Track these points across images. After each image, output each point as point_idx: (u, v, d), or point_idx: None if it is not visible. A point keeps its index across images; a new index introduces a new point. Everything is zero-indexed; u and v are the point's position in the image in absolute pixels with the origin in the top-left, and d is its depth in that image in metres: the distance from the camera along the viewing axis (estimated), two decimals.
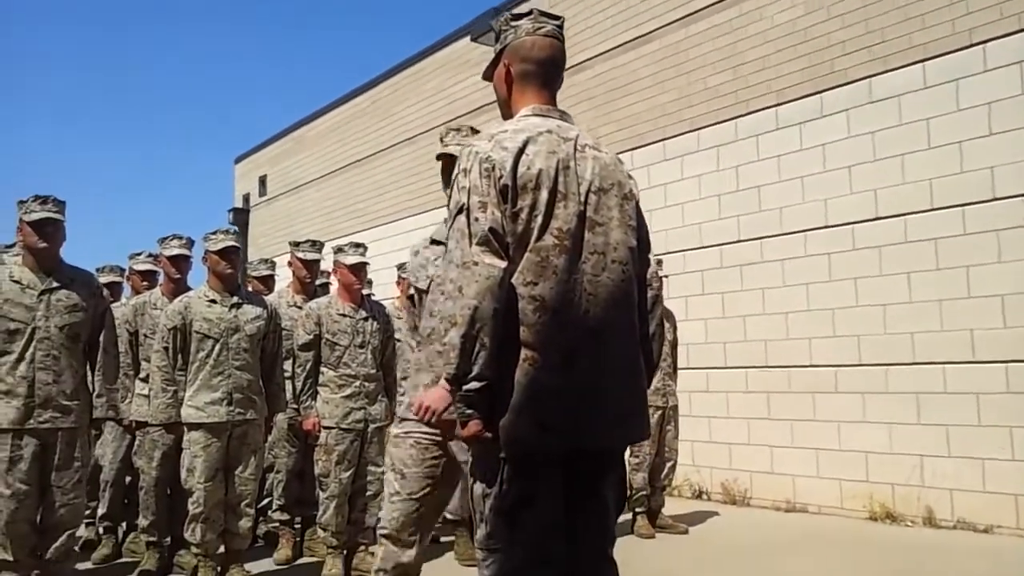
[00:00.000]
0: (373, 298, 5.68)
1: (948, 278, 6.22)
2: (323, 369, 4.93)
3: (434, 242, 3.17)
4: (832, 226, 6.95)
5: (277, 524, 5.59)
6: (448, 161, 3.11)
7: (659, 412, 6.01)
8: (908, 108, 6.54)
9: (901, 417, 6.42)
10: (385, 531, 3.14)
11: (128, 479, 5.55)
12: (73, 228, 4.18)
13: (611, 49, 8.94)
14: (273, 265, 6.47)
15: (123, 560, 5.38)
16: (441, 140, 3.30)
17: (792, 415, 7.14)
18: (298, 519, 5.70)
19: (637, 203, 2.35)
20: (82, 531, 4.75)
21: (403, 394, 3.35)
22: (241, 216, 16.60)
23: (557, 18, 2.36)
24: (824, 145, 7.04)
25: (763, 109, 7.50)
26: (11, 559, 3.88)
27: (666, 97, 8.36)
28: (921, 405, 6.32)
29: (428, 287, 2.99)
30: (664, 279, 6.35)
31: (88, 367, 4.26)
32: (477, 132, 2.50)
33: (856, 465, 6.67)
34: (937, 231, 6.31)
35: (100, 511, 5.50)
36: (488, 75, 2.44)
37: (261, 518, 5.78)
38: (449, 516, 5.40)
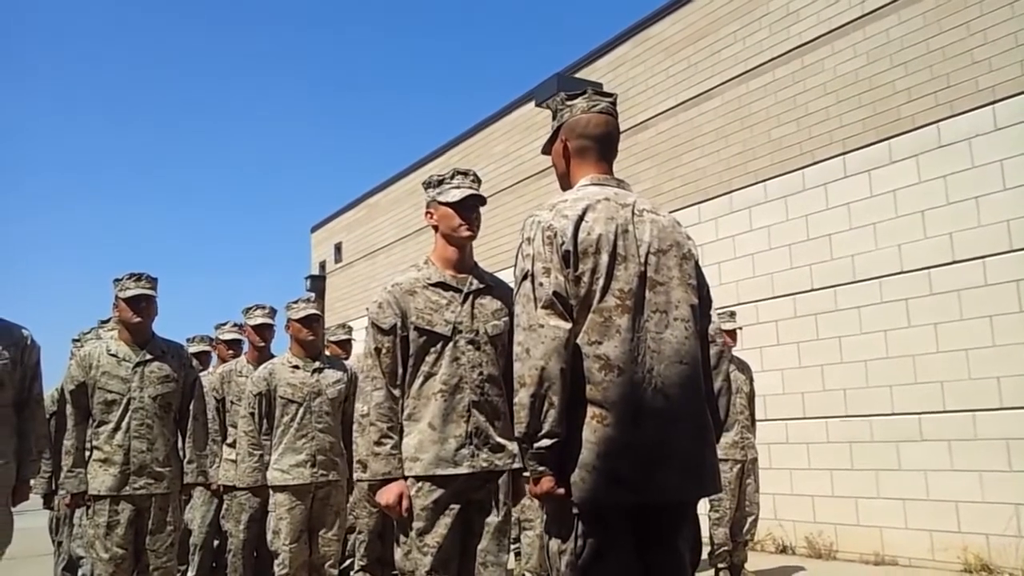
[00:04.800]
0: None
1: None
2: None
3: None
4: (908, 272, 6.86)
5: None
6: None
7: (738, 465, 5.95)
8: (980, 151, 6.46)
9: (991, 464, 6.22)
10: None
11: (216, 542, 5.71)
12: (160, 299, 4.38)
13: (673, 107, 9.06)
14: (350, 330, 6.66)
15: None
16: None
17: (876, 465, 6.97)
18: None
19: (697, 262, 2.42)
20: None
21: None
22: (318, 283, 17.05)
23: (610, 95, 2.49)
24: (895, 191, 6.98)
25: (830, 158, 7.49)
26: None
27: (730, 151, 8.41)
28: (1012, 451, 6.12)
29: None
30: (738, 330, 6.35)
31: (179, 434, 4.43)
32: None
33: (947, 515, 6.46)
34: (1018, 273, 6.17)
35: (190, 574, 5.66)
36: (547, 150, 2.57)
37: None
38: (528, 575, 5.42)
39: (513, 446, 2.93)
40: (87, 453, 4.18)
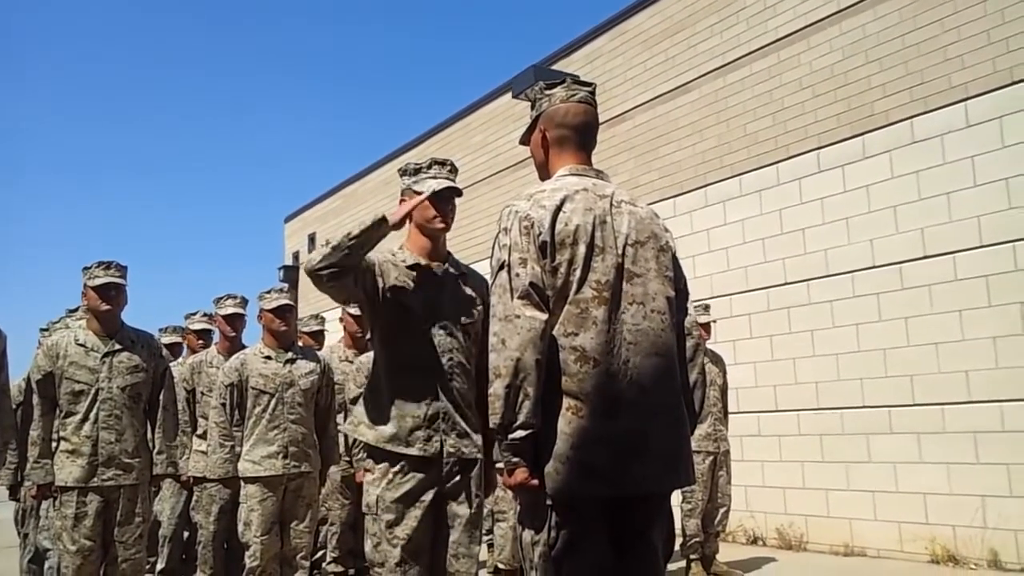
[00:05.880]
0: None
1: (1000, 315, 6.13)
2: None
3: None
4: (880, 266, 6.91)
5: None
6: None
7: (711, 457, 5.98)
8: (952, 147, 6.51)
9: (959, 457, 6.29)
10: None
11: (186, 534, 5.66)
12: (132, 290, 4.32)
13: (651, 100, 9.06)
14: (323, 320, 6.61)
15: None
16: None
17: (846, 457, 7.03)
18: (352, 570, 5.76)
19: (674, 254, 2.41)
20: None
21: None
22: (291, 273, 16.89)
23: (589, 84, 2.47)
24: (868, 186, 7.03)
25: (804, 153, 7.53)
26: None
27: (706, 144, 8.44)
28: (979, 444, 6.19)
29: None
30: (712, 323, 6.38)
31: (148, 425, 4.38)
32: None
33: (915, 507, 6.53)
34: (987, 268, 6.24)
35: (159, 566, 5.60)
36: (525, 140, 2.54)
37: (316, 570, 5.84)
38: (501, 566, 5.42)
39: (478, 436, 2.93)
40: (54, 444, 4.11)
